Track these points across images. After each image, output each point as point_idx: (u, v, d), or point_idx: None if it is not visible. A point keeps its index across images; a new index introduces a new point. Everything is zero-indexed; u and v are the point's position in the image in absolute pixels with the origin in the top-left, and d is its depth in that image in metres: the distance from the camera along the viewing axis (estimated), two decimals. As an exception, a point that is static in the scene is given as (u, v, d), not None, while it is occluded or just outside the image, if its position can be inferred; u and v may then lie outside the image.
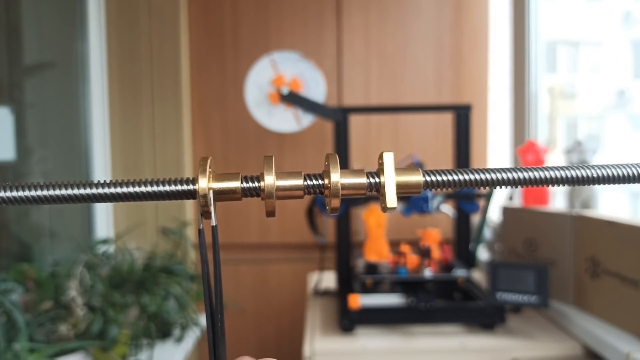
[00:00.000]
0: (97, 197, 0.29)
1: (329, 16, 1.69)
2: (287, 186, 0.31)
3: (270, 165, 0.30)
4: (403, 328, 1.09)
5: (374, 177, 0.31)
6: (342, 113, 1.24)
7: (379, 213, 1.28)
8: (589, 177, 0.31)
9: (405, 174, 0.31)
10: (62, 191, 0.29)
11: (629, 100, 1.54)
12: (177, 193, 0.30)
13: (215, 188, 0.30)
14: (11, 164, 1.24)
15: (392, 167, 0.31)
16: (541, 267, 1.05)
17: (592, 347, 0.96)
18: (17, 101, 1.29)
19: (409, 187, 0.31)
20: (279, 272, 1.72)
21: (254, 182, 0.31)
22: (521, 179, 0.31)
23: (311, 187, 0.31)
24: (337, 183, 0.30)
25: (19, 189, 0.28)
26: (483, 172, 0.31)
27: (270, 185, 0.30)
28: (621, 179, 0.31)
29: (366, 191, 0.31)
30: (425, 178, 0.31)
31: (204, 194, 0.30)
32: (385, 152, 0.31)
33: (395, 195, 0.30)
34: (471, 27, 1.69)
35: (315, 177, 0.31)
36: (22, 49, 1.33)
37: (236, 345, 1.74)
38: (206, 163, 0.30)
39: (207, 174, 0.30)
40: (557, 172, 0.31)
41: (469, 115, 1.25)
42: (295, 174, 0.31)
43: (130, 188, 0.29)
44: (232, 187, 0.30)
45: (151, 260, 1.33)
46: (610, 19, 1.57)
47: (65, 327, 0.96)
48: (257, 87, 1.30)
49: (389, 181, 0.30)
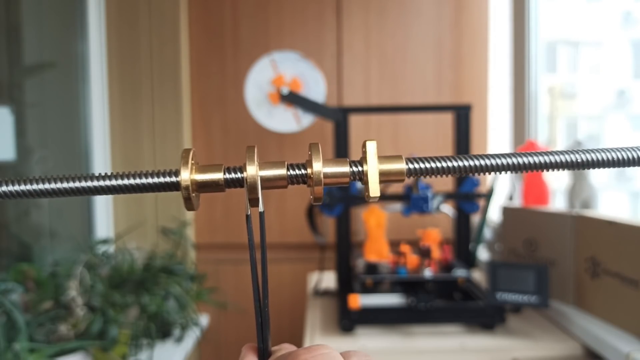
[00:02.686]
0: (81, 190, 0.29)
1: (329, 16, 1.69)
2: (271, 176, 0.31)
3: (252, 156, 0.30)
4: (403, 328, 1.09)
5: (357, 165, 0.31)
6: (342, 113, 1.24)
7: (379, 213, 1.28)
8: (563, 163, 0.31)
9: (388, 161, 0.31)
10: (42, 185, 0.29)
11: (629, 100, 1.54)
12: (161, 185, 0.30)
13: (198, 180, 0.30)
14: (11, 164, 1.24)
15: (374, 155, 0.31)
16: (541, 267, 1.05)
17: (592, 347, 0.96)
18: (17, 101, 1.29)
19: (392, 175, 0.31)
20: (279, 272, 1.72)
21: (236, 172, 0.30)
22: (500, 164, 0.31)
23: (294, 177, 0.31)
24: (319, 172, 0.30)
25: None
26: (465, 159, 0.31)
27: (253, 176, 0.30)
28: (616, 162, 0.31)
29: (349, 179, 0.31)
30: (408, 165, 0.31)
31: (187, 185, 0.29)
32: (369, 141, 0.31)
33: (379, 183, 0.30)
34: (471, 27, 1.69)
35: (298, 167, 0.31)
36: (22, 49, 1.33)
37: (236, 345, 1.74)
38: (188, 155, 0.30)
39: (189, 166, 0.30)
40: (537, 157, 0.31)
41: (469, 115, 1.25)
42: (279, 163, 0.31)
43: (113, 181, 0.29)
44: (214, 179, 0.30)
45: (151, 260, 1.33)
46: (610, 19, 1.57)
47: (65, 327, 0.96)
48: (257, 87, 1.30)
49: (371, 169, 0.30)
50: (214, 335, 1.71)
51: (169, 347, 1.26)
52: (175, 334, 1.29)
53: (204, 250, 1.70)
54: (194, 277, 1.37)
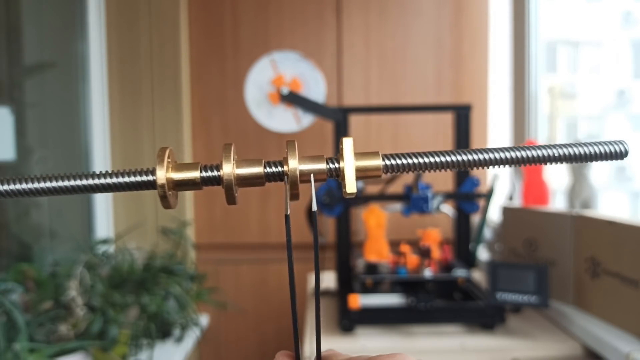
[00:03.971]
0: (57, 189, 0.29)
1: (329, 16, 1.69)
2: (247, 174, 0.31)
3: (229, 154, 0.30)
4: (403, 328, 1.09)
5: (333, 162, 0.31)
6: (342, 113, 1.24)
7: (379, 213, 1.28)
8: (541, 157, 0.31)
9: (365, 158, 0.31)
10: (18, 185, 0.29)
11: (629, 100, 1.54)
12: (137, 184, 0.30)
13: (175, 178, 0.30)
14: (11, 164, 1.24)
15: (351, 152, 0.31)
16: (541, 267, 1.05)
17: (592, 347, 0.96)
18: (17, 101, 1.29)
19: (369, 171, 0.31)
20: (279, 272, 1.72)
21: (212, 171, 0.31)
22: (478, 160, 0.31)
23: (271, 175, 0.31)
24: (295, 169, 0.30)
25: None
26: (440, 155, 0.31)
27: (229, 174, 0.30)
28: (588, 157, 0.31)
29: (326, 176, 0.31)
30: (385, 162, 0.31)
31: (162, 183, 0.29)
32: (345, 138, 0.31)
33: (355, 179, 0.30)
34: (471, 27, 1.69)
35: (275, 164, 0.31)
36: (22, 49, 1.33)
37: (236, 345, 1.75)
38: (164, 153, 0.30)
39: (164, 164, 0.30)
40: (517, 152, 0.31)
41: (469, 115, 1.25)
42: (255, 161, 0.31)
43: (90, 180, 0.29)
44: (191, 177, 0.30)
45: (151, 260, 1.33)
46: (610, 19, 1.57)
47: (65, 327, 0.96)
48: (257, 87, 1.30)
49: (348, 166, 0.31)
50: (214, 335, 1.71)
51: (169, 347, 1.26)
52: (175, 334, 1.29)
53: (204, 250, 1.70)
54: (194, 277, 1.37)
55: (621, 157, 0.31)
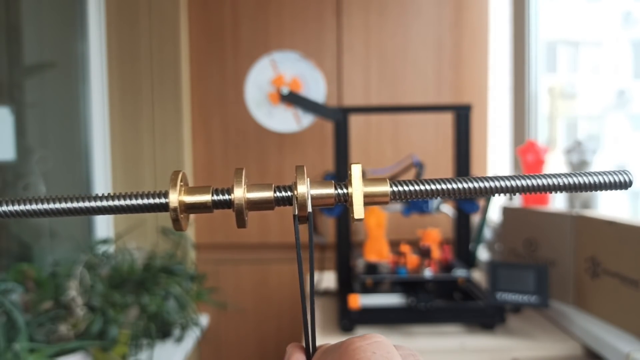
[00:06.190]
0: (72, 210, 0.30)
1: (329, 16, 1.69)
2: (257, 199, 0.32)
3: (240, 178, 0.31)
4: (403, 328, 1.09)
5: (342, 188, 0.32)
6: (342, 113, 1.24)
7: (379, 213, 1.28)
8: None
9: (373, 184, 0.32)
10: (33, 206, 0.29)
11: (629, 100, 1.54)
12: (149, 206, 0.31)
13: (186, 201, 0.31)
14: (11, 164, 1.24)
15: (359, 179, 0.32)
16: (541, 267, 1.05)
17: (592, 347, 0.96)
18: (17, 101, 1.29)
19: (377, 197, 0.32)
20: (279, 272, 1.72)
21: (224, 194, 0.31)
22: (484, 188, 0.32)
23: (281, 199, 0.32)
24: (304, 194, 0.31)
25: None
26: (447, 182, 0.32)
27: (240, 198, 0.31)
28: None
29: (334, 201, 0.32)
30: (392, 188, 0.32)
31: (175, 206, 0.30)
32: (354, 164, 0.32)
33: (363, 205, 0.31)
34: (471, 27, 1.69)
35: (284, 189, 0.32)
36: (22, 49, 1.33)
37: (236, 345, 1.75)
38: (177, 177, 0.31)
39: (177, 188, 0.30)
40: (522, 181, 0.33)
41: (469, 115, 1.25)
42: (266, 186, 0.32)
43: (104, 202, 0.30)
44: (202, 201, 0.31)
45: (151, 260, 1.33)
46: (610, 19, 1.57)
47: (65, 327, 0.96)
48: (257, 87, 1.30)
49: (356, 192, 0.31)
50: (214, 335, 1.71)
51: (169, 347, 1.26)
52: (175, 334, 1.29)
53: (204, 250, 1.70)
54: (194, 277, 1.37)
55: (625, 187, 0.32)
